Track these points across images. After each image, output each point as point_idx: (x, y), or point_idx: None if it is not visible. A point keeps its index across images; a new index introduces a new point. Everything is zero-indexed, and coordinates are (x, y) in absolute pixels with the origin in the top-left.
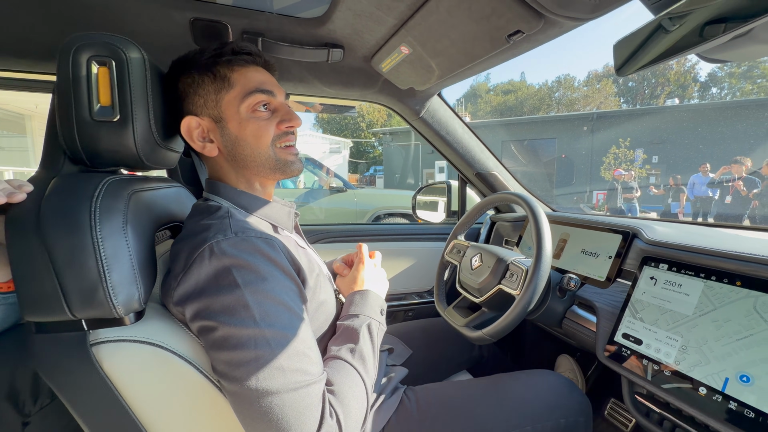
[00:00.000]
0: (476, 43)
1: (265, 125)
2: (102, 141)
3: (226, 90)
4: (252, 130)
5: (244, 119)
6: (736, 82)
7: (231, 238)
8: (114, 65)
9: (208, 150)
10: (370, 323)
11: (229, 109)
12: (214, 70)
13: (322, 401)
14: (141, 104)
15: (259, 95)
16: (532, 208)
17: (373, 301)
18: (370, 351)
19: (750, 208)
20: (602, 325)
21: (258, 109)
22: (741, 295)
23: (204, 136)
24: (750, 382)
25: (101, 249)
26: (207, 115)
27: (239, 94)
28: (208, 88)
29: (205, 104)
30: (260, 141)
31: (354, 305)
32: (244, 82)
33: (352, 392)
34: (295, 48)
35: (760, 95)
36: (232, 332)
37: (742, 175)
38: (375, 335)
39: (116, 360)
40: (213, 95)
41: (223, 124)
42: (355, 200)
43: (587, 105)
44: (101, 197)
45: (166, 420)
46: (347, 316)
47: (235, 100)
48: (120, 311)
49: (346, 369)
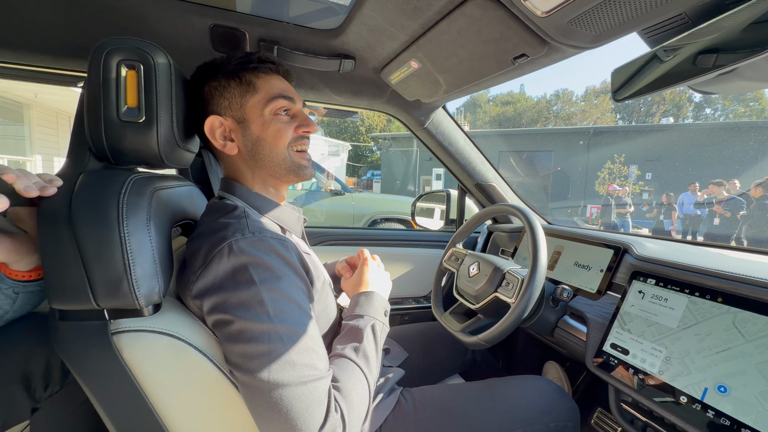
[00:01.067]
0: (483, 62)
1: (284, 128)
2: (127, 140)
3: (252, 94)
4: (273, 131)
5: (267, 121)
6: (729, 104)
7: (249, 238)
8: (142, 69)
9: (228, 148)
10: (374, 324)
11: (254, 112)
12: (240, 76)
13: (328, 396)
14: (165, 106)
15: (282, 101)
16: (530, 221)
17: (377, 303)
18: (374, 351)
19: (738, 228)
20: (592, 336)
21: (280, 113)
22: (722, 311)
23: (225, 135)
24: (727, 392)
25: (128, 243)
26: (231, 116)
27: (263, 98)
28: (234, 92)
29: (230, 106)
30: (279, 142)
31: (359, 306)
32: (268, 89)
33: (356, 389)
34: (309, 57)
35: (752, 118)
36: (247, 326)
37: (723, 197)
38: (378, 336)
39: (135, 349)
40: (238, 98)
41: (246, 125)
42: (352, 204)
43: (584, 120)
44: (128, 194)
45: (180, 408)
46: (352, 316)
47: (259, 103)
48: (141, 302)
49: (350, 367)
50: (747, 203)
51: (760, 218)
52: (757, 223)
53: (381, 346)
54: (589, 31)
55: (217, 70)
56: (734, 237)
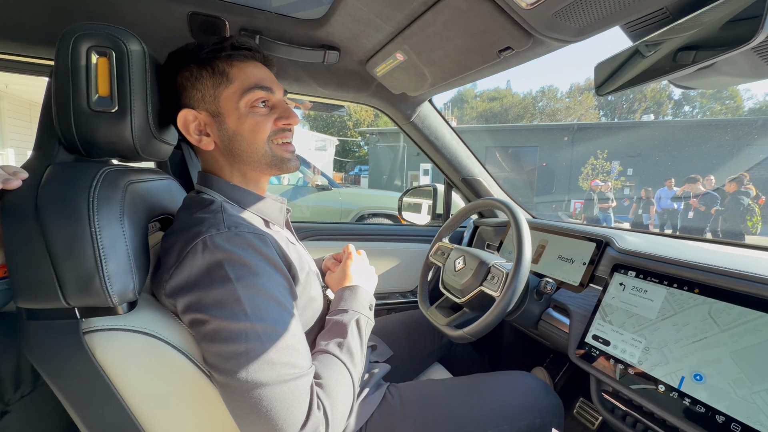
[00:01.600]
0: (469, 55)
1: (262, 121)
2: (99, 131)
3: (225, 85)
4: (249, 125)
5: (242, 115)
6: (706, 102)
7: (224, 233)
8: (114, 56)
9: (204, 143)
10: (359, 318)
11: (228, 105)
12: (213, 65)
13: (310, 394)
14: (140, 96)
15: (258, 92)
16: (515, 215)
17: (362, 297)
18: (358, 345)
19: (711, 221)
20: (575, 327)
21: (257, 105)
22: (698, 302)
23: (200, 130)
24: (702, 380)
25: (99, 238)
26: (204, 110)
27: (238, 89)
28: (207, 83)
29: (203, 98)
30: (257, 136)
31: (343, 300)
32: (243, 78)
33: (339, 385)
34: (293, 48)
35: (728, 116)
36: (223, 325)
37: (699, 192)
38: (363, 330)
39: (109, 348)
40: (211, 90)
41: (221, 118)
42: (339, 199)
43: (569, 116)
44: (99, 187)
45: (157, 409)
46: (336, 311)
47: (234, 95)
48: (115, 300)
49: (333, 363)
50: (721, 198)
51: (734, 212)
52: (731, 217)
53: (366, 341)
54: (573, 24)
55: (188, 58)
56: (708, 230)
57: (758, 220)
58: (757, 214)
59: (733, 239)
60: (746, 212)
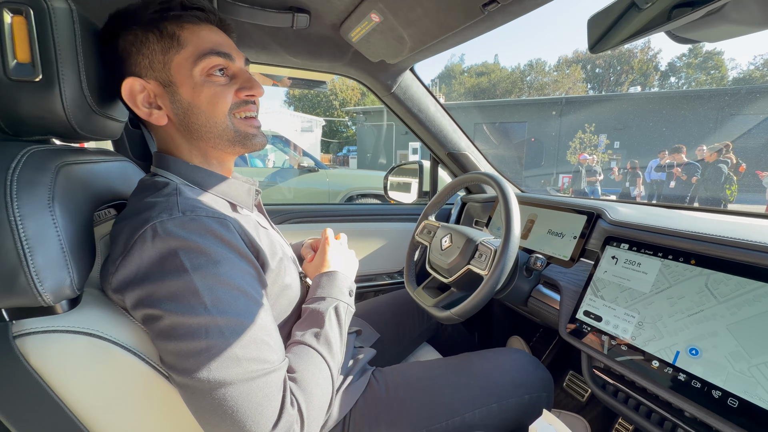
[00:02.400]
0: (450, 12)
1: (221, 91)
2: (22, 104)
3: (176, 50)
4: (207, 96)
5: (197, 84)
6: (692, 72)
7: (177, 218)
8: (33, 14)
9: (155, 117)
10: (338, 305)
11: (180, 72)
12: (160, 27)
13: (283, 390)
14: (69, 62)
15: (214, 58)
16: (502, 189)
17: (341, 283)
18: (337, 335)
19: (692, 190)
20: (565, 303)
21: (213, 74)
22: (695, 273)
23: (150, 102)
24: (698, 354)
25: (20, 228)
26: (153, 78)
27: (191, 55)
28: (154, 48)
29: (151, 66)
30: (216, 108)
31: (321, 287)
32: (196, 42)
33: (315, 379)
34: (257, 10)
35: (713, 86)
36: (180, 321)
37: (682, 161)
38: (342, 318)
39: (46, 353)
40: (160, 56)
41: (174, 88)
42: (327, 180)
43: (557, 90)
44: (20, 169)
45: (112, 416)
46: (313, 299)
47: (186, 62)
48: (48, 299)
49: (309, 354)
50: (702, 168)
51: (714, 181)
52: (711, 186)
53: (345, 329)
54: None
55: (131, 19)
56: (689, 199)
57: (736, 188)
58: (735, 183)
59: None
60: (726, 181)
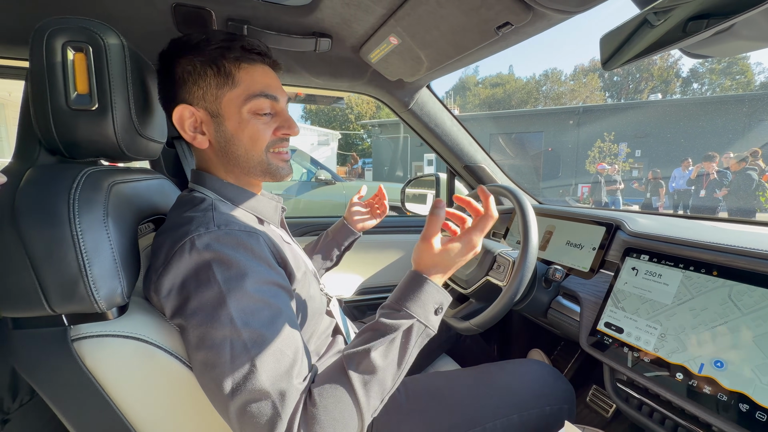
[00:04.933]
0: (465, 34)
1: (263, 129)
2: (80, 131)
3: (230, 87)
4: (250, 132)
5: (243, 120)
6: (716, 78)
7: (213, 232)
8: (91, 51)
9: (198, 141)
10: (412, 326)
11: (230, 108)
12: (218, 64)
13: (292, 413)
14: (120, 92)
15: (262, 100)
16: (520, 201)
17: (426, 296)
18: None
19: (722, 201)
20: (585, 315)
21: (259, 113)
22: (717, 285)
23: (196, 127)
24: (723, 367)
25: (81, 242)
26: (204, 108)
27: (242, 94)
28: (210, 81)
29: (204, 96)
30: (256, 144)
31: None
32: (249, 83)
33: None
34: (282, 37)
35: (738, 91)
36: (207, 332)
37: (713, 170)
38: (412, 342)
39: (99, 355)
40: (214, 89)
41: (220, 120)
42: (343, 193)
43: (573, 99)
44: (80, 189)
45: (153, 415)
46: (389, 304)
47: (237, 99)
48: (102, 306)
49: (338, 388)
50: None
51: (745, 189)
52: (742, 195)
53: (410, 355)
54: None
55: (193, 51)
56: (720, 209)
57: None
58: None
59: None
60: (758, 188)
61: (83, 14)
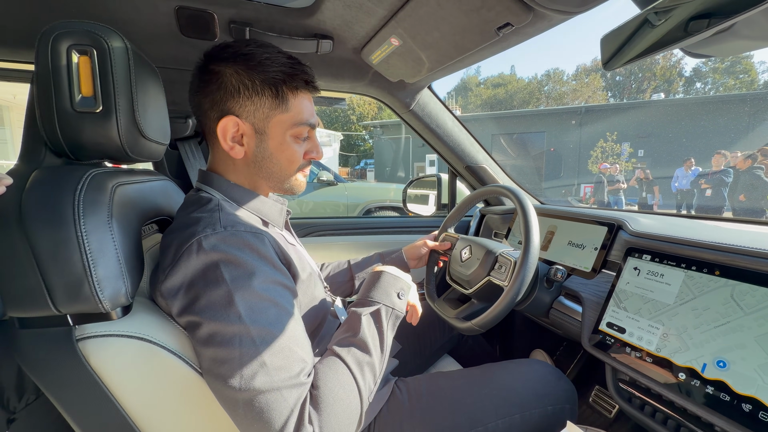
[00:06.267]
0: (466, 35)
1: (298, 152)
2: (85, 133)
3: (281, 110)
4: (288, 154)
5: (285, 142)
6: (719, 77)
7: (220, 233)
8: (96, 54)
9: (235, 152)
10: (379, 309)
11: (276, 129)
12: (279, 88)
13: (302, 404)
14: (124, 95)
15: (306, 128)
16: (521, 201)
17: (386, 283)
18: (376, 342)
19: (729, 200)
20: (587, 315)
21: (299, 138)
22: (719, 284)
23: (237, 138)
24: (726, 367)
25: (86, 243)
26: (251, 123)
27: (291, 119)
28: (265, 102)
29: (254, 113)
30: (291, 165)
31: (366, 289)
32: (298, 110)
33: (336, 395)
34: (284, 39)
35: (742, 90)
36: (217, 329)
37: (720, 168)
38: (384, 323)
39: (104, 355)
40: (267, 110)
41: (264, 137)
42: (345, 193)
43: (576, 99)
44: (85, 190)
45: (157, 414)
46: (356, 301)
47: (285, 123)
48: (107, 306)
49: (335, 367)
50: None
51: (753, 188)
52: (751, 194)
53: (388, 335)
54: None
55: (254, 67)
56: (726, 208)
57: None
58: None
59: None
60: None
61: (87, 18)
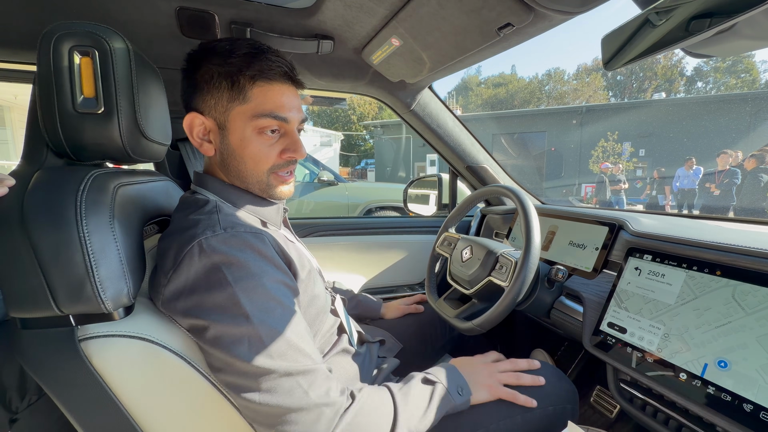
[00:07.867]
0: (467, 35)
1: (267, 151)
2: (86, 133)
3: (239, 102)
4: (252, 152)
5: (246, 137)
6: (720, 76)
7: (220, 234)
8: (97, 55)
9: (204, 149)
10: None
11: (236, 122)
12: (234, 78)
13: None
14: (126, 96)
15: (269, 120)
16: (522, 201)
17: (453, 374)
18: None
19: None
20: (588, 315)
21: (265, 133)
22: (721, 284)
23: (204, 135)
24: (727, 367)
25: (88, 243)
26: (213, 118)
27: (250, 111)
28: (223, 94)
29: (215, 107)
30: (257, 165)
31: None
32: (260, 101)
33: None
34: (285, 39)
35: (744, 89)
36: (224, 330)
37: (726, 168)
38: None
39: (106, 355)
40: (225, 102)
41: (226, 133)
42: (346, 194)
43: (577, 98)
44: (87, 191)
45: (159, 415)
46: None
47: (244, 115)
48: (109, 306)
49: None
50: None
51: (754, 190)
52: (752, 195)
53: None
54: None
55: (215, 59)
56: (730, 209)
57: None
58: None
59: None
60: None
61: (89, 19)
